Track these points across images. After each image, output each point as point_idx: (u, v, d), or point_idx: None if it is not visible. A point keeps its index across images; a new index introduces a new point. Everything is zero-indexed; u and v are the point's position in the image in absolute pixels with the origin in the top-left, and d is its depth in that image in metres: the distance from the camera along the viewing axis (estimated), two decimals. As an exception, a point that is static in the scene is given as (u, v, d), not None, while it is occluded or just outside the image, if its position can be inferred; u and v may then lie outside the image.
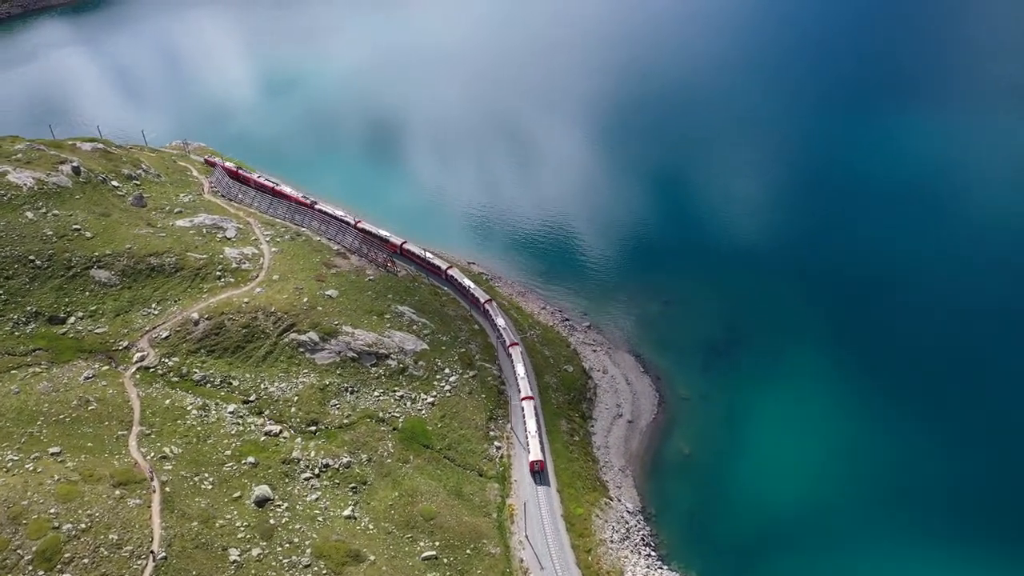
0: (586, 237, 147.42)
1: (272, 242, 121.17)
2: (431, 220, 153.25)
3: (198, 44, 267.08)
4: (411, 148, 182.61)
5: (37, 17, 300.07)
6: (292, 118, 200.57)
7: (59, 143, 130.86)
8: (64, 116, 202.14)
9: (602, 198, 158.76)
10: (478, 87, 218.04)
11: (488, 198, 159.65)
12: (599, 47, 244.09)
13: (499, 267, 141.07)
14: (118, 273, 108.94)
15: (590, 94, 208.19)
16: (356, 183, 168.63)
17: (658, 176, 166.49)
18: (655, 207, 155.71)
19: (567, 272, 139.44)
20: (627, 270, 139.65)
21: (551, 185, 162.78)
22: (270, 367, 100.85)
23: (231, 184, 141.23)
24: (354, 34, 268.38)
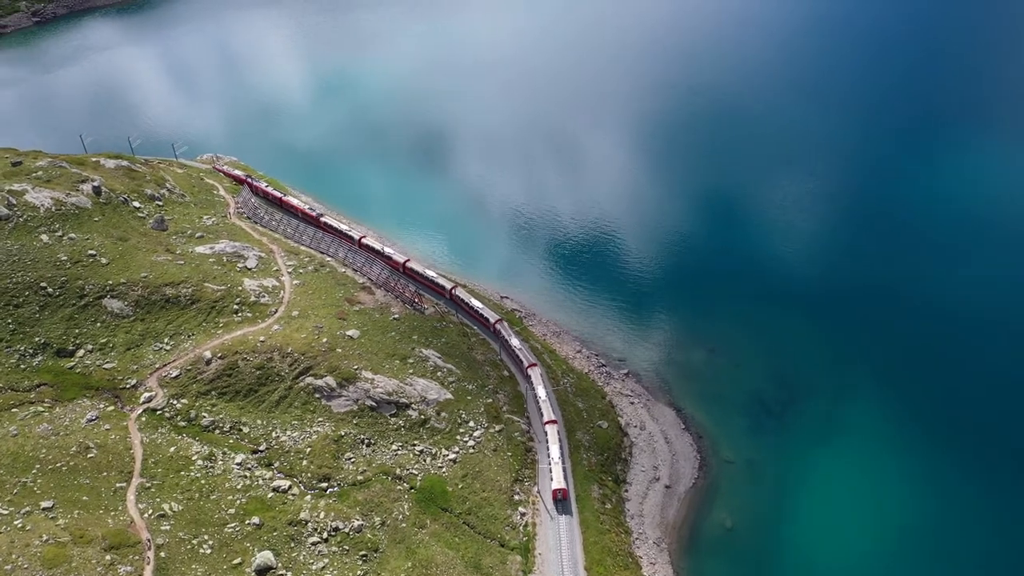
0: (627, 272, 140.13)
1: (294, 273, 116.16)
2: (466, 248, 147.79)
3: (238, 50, 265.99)
4: (451, 167, 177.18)
5: (81, 18, 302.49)
6: (330, 131, 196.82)
7: (82, 159, 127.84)
8: (98, 123, 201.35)
9: (645, 229, 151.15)
10: (522, 101, 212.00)
11: (526, 226, 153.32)
12: (648, 60, 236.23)
13: (534, 303, 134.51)
14: (131, 304, 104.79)
15: (637, 111, 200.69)
16: (391, 202, 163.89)
17: (707, 205, 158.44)
18: (703, 241, 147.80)
19: (606, 311, 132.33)
20: (671, 311, 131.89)
21: (591, 213, 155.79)
22: (283, 413, 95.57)
23: (257, 206, 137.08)
24: (398, 42, 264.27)
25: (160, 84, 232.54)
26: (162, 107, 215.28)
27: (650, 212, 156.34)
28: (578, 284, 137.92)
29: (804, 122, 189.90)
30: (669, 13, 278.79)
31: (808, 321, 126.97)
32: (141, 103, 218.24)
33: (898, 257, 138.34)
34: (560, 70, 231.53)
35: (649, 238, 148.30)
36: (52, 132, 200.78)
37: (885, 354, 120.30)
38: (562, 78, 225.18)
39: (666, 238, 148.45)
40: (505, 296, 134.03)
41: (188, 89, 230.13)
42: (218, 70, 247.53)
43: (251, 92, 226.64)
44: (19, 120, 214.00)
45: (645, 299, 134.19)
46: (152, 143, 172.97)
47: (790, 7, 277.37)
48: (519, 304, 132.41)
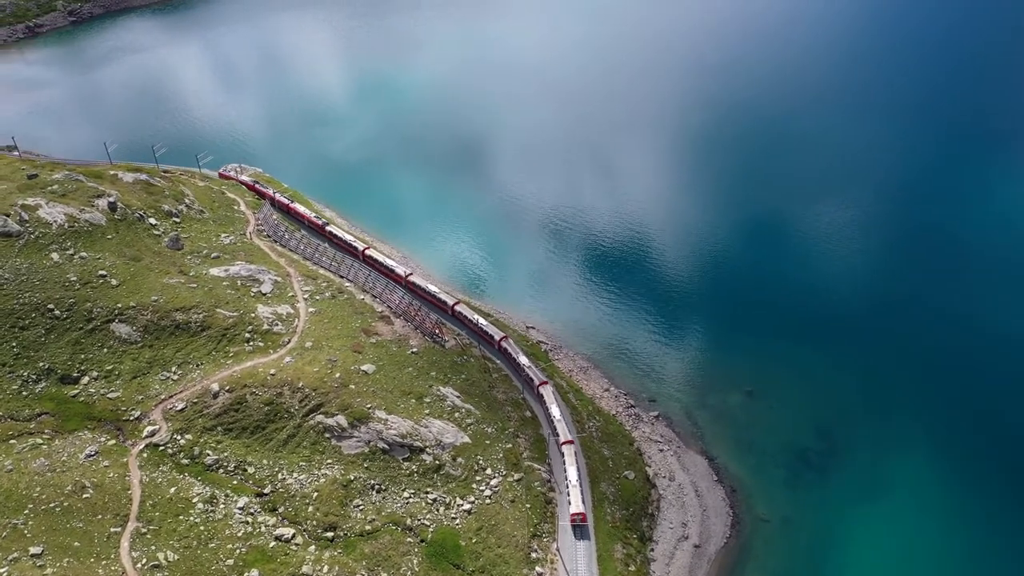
0: (661, 303, 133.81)
1: (310, 300, 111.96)
2: (493, 273, 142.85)
3: (271, 55, 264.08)
4: (482, 183, 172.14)
5: (116, 18, 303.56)
6: (358, 141, 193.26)
7: (100, 172, 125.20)
8: (125, 127, 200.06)
9: (681, 257, 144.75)
10: (557, 114, 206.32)
11: (555, 250, 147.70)
12: (688, 71, 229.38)
13: (561, 334, 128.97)
14: (140, 329, 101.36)
15: (676, 127, 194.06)
16: (417, 219, 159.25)
17: (748, 231, 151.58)
18: (743, 271, 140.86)
19: (637, 345, 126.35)
20: (706, 347, 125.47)
21: (624, 238, 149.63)
22: (291, 453, 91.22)
23: (278, 223, 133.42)
24: (433, 48, 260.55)
25: (189, 88, 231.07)
26: (190, 112, 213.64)
27: (687, 238, 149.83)
28: (608, 314, 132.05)
29: (853, 141, 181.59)
30: (711, 21, 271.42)
31: (854, 364, 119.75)
32: (169, 108, 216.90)
33: (956, 296, 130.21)
34: (597, 81, 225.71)
35: (685, 266, 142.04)
36: (80, 136, 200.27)
37: (938, 404, 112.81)
38: (599, 89, 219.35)
39: (703, 267, 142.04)
40: (531, 327, 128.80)
41: (217, 94, 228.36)
42: (249, 75, 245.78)
43: (281, 98, 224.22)
44: (49, 122, 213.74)
45: (679, 332, 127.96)
46: (177, 151, 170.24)
47: (838, 13, 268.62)
48: (546, 335, 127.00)
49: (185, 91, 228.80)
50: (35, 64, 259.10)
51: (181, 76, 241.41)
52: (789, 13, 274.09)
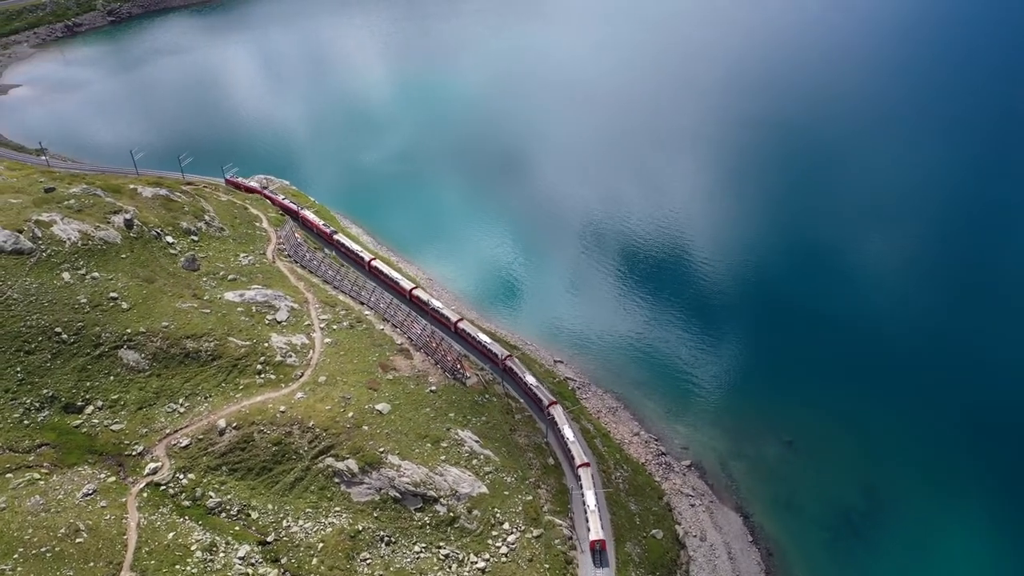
0: (697, 341, 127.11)
1: (327, 330, 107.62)
2: (521, 301, 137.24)
3: (306, 60, 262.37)
4: (515, 202, 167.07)
5: (154, 18, 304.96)
6: (391, 153, 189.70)
7: (119, 186, 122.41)
8: (155, 133, 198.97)
9: (720, 290, 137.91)
10: (596, 128, 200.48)
11: (587, 281, 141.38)
12: (740, 85, 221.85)
13: (590, 370, 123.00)
14: (149, 356, 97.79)
15: (720, 147, 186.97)
16: (447, 240, 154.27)
17: (793, 262, 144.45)
18: (787, 307, 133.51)
19: (670, 384, 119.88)
20: (745, 389, 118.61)
21: (661, 270, 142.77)
22: (297, 498, 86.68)
23: (300, 243, 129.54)
24: (473, 55, 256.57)
25: (221, 94, 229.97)
26: (220, 119, 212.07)
27: (727, 269, 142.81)
28: (641, 349, 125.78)
29: (911, 166, 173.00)
30: (763, 33, 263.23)
31: (907, 415, 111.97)
32: (200, 113, 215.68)
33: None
34: (640, 93, 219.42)
35: (723, 300, 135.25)
36: (110, 140, 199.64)
37: (1000, 465, 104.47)
38: (641, 102, 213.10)
39: (743, 301, 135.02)
40: (559, 360, 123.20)
41: (249, 100, 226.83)
42: (282, 81, 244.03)
43: (314, 106, 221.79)
44: (81, 125, 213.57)
45: (715, 372, 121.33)
46: (204, 160, 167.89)
47: (899, 29, 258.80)
48: (574, 371, 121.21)
49: (217, 97, 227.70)
50: (72, 64, 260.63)
51: (214, 80, 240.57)
52: (846, 27, 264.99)
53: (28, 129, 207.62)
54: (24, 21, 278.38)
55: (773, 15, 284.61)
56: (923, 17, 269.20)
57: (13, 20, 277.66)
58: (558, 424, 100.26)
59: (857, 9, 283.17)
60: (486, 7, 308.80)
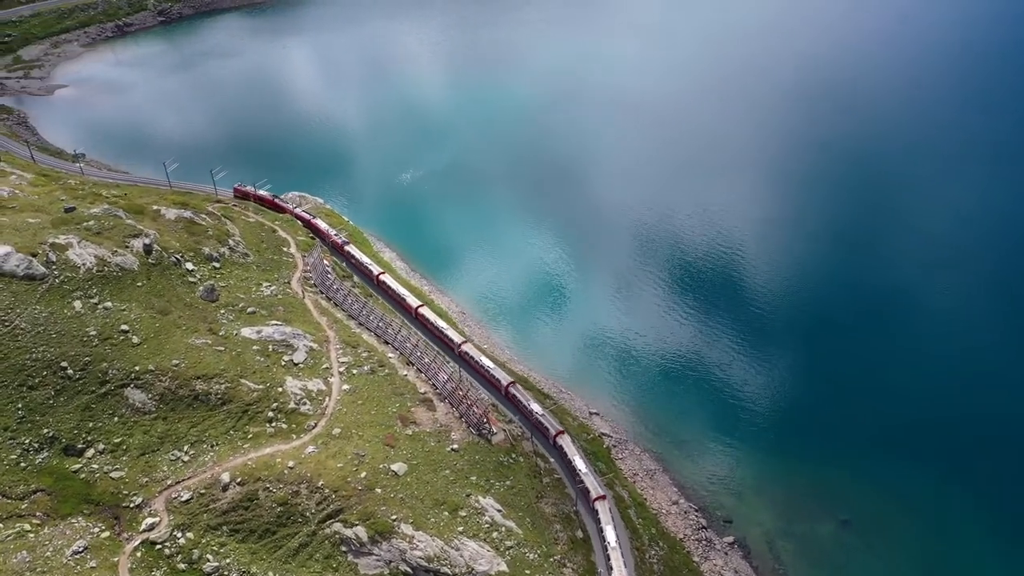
0: (747, 398, 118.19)
1: (347, 374, 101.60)
2: (561, 341, 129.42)
3: (353, 68, 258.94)
4: (561, 229, 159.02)
5: (204, 19, 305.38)
6: (435, 171, 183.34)
7: (142, 207, 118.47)
8: (191, 142, 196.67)
9: (776, 343, 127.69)
10: (657, 146, 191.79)
11: (632, 324, 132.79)
12: (809, 101, 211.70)
13: (628, 424, 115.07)
14: (156, 397, 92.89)
15: (785, 171, 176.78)
16: (486, 271, 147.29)
17: (858, 311, 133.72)
18: (848, 365, 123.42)
19: (715, 446, 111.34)
20: (796, 458, 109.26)
21: (712, 317, 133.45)
22: (300, 567, 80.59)
23: (326, 272, 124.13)
24: (528, 65, 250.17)
25: (262, 101, 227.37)
26: (260, 128, 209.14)
27: (784, 318, 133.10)
28: (684, 405, 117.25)
29: (998, 199, 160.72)
30: (837, 47, 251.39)
31: (986, 502, 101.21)
32: (239, 121, 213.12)
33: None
34: (702, 114, 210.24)
35: (778, 355, 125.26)
36: (148, 147, 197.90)
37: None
38: (702, 124, 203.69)
39: (800, 357, 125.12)
40: (595, 412, 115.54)
41: (289, 109, 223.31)
42: (326, 89, 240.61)
43: (355, 118, 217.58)
44: (121, 131, 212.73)
45: (767, 435, 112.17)
46: (238, 174, 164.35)
47: (990, 42, 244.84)
48: (611, 426, 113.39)
49: (258, 104, 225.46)
50: (119, 66, 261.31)
51: (257, 87, 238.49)
52: (932, 39, 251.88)
53: (70, 133, 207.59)
54: (75, 20, 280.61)
55: (866, 27, 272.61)
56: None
57: (65, 18, 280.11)
58: (567, 455, 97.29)
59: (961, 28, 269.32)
60: (541, 17, 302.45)
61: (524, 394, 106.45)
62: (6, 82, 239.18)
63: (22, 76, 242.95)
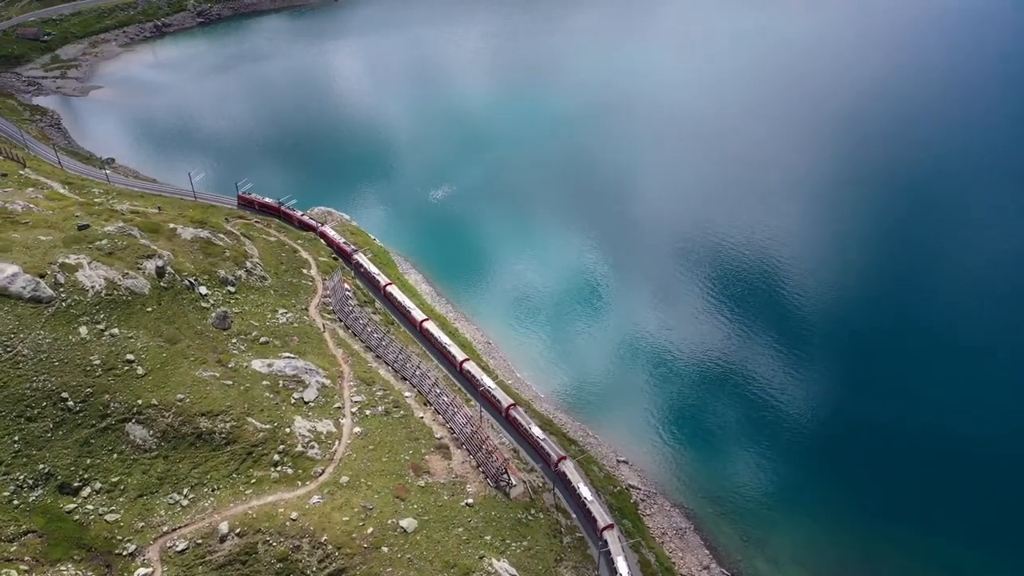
0: (789, 452, 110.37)
1: (359, 415, 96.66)
2: (591, 379, 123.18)
3: (390, 75, 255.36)
4: (599, 255, 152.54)
5: (243, 21, 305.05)
6: (468, 187, 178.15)
7: (158, 226, 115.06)
8: (219, 152, 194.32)
9: (825, 394, 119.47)
10: (708, 168, 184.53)
11: (671, 366, 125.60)
12: (860, 120, 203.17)
13: (660, 474, 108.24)
14: (157, 434, 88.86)
15: (844, 201, 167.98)
16: (517, 297, 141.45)
17: (928, 364, 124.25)
18: (904, 420, 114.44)
19: (751, 504, 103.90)
20: (844, 525, 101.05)
21: (754, 363, 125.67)
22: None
23: (348, 297, 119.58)
24: (573, 74, 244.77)
25: (294, 108, 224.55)
26: (289, 136, 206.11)
27: (834, 370, 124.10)
28: (722, 456, 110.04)
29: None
30: (900, 74, 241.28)
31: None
32: (269, 129, 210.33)
33: None
34: (749, 131, 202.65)
35: (829, 411, 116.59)
36: (178, 153, 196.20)
37: None
38: (750, 142, 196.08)
39: (855, 412, 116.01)
40: (623, 460, 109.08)
41: (322, 116, 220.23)
42: (358, 97, 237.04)
43: (388, 129, 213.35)
44: (152, 135, 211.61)
45: (811, 498, 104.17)
46: (264, 186, 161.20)
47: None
48: (639, 476, 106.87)
49: (290, 112, 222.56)
50: (155, 68, 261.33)
51: (290, 94, 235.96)
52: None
53: (101, 136, 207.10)
54: (115, 19, 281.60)
55: (948, 45, 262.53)
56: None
57: (104, 17, 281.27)
58: (570, 478, 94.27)
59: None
60: (584, 25, 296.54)
61: (525, 417, 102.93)
62: (43, 82, 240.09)
63: (59, 76, 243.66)
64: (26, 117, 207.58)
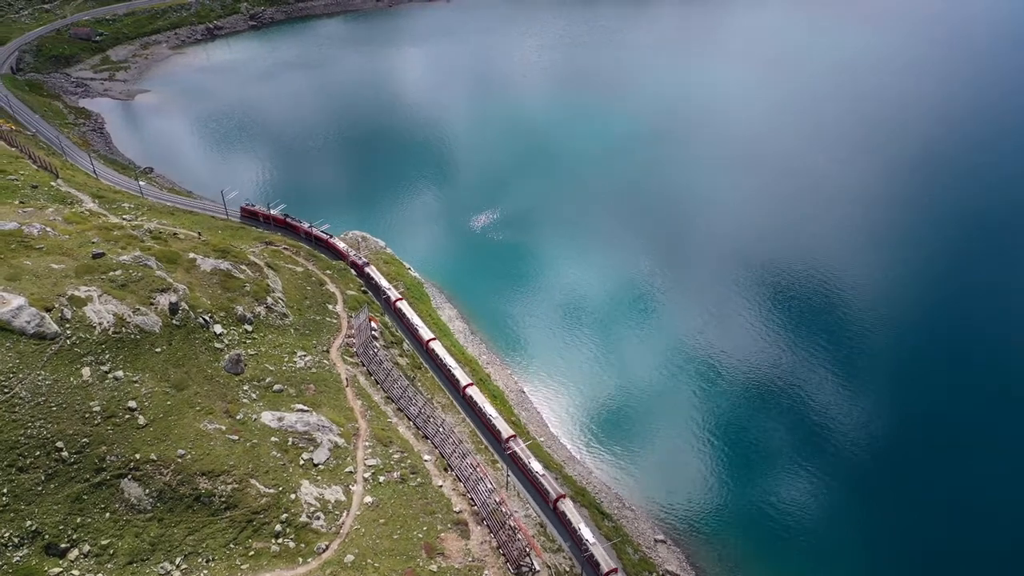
0: (844, 538, 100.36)
1: (372, 481, 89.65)
2: (634, 443, 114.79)
3: (437, 86, 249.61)
4: (656, 297, 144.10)
5: (294, 25, 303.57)
6: (518, 213, 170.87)
7: (175, 255, 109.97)
8: (260, 161, 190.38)
9: (901, 464, 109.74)
10: (775, 200, 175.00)
11: (720, 423, 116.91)
12: (948, 152, 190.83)
13: (699, 559, 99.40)
14: (154, 493, 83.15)
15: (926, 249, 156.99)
16: (557, 340, 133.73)
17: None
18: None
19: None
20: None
21: (822, 425, 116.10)
22: None
23: (369, 341, 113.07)
24: (636, 86, 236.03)
25: (339, 119, 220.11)
26: (330, 151, 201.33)
27: (915, 446, 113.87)
28: (773, 540, 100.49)
29: None
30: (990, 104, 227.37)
31: None
32: (309, 144, 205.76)
33: None
34: (825, 162, 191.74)
35: (899, 489, 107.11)
36: (215, 164, 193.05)
37: None
38: (824, 174, 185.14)
39: (934, 494, 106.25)
40: (661, 538, 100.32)
41: (365, 129, 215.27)
42: (408, 109, 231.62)
43: (437, 144, 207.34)
44: (193, 143, 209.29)
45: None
46: (298, 206, 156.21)
47: None
48: (678, 559, 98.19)
49: (335, 122, 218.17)
50: (204, 72, 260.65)
51: (334, 104, 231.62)
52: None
53: (143, 142, 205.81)
54: (167, 20, 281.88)
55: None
56: None
57: (157, 19, 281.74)
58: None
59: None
60: (649, 39, 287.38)
61: (525, 451, 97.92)
62: (91, 83, 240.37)
63: (107, 78, 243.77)
64: (70, 121, 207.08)
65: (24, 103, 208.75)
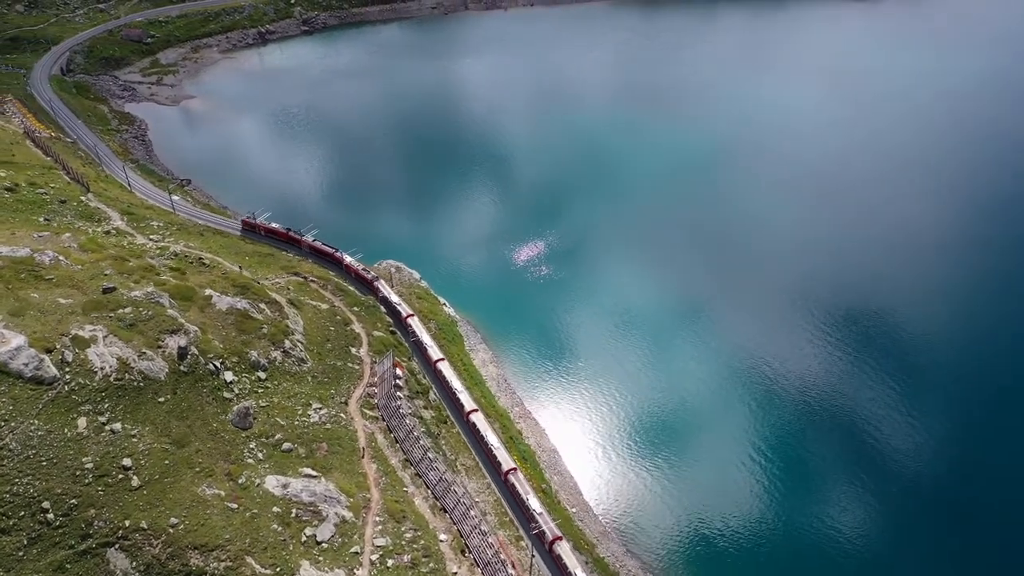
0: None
1: (379, 565, 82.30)
2: (672, 509, 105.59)
3: (494, 98, 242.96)
4: (717, 345, 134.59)
5: (347, 31, 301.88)
6: (563, 248, 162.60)
7: (190, 292, 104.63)
8: (297, 180, 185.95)
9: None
10: (854, 235, 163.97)
11: (776, 493, 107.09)
12: None
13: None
14: (141, 567, 77.16)
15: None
16: (592, 390, 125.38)
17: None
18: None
19: None
20: None
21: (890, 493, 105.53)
22: None
23: (394, 388, 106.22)
24: (699, 106, 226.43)
25: (384, 134, 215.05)
26: (372, 169, 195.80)
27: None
28: None
29: None
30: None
31: None
32: (351, 160, 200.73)
33: None
34: (901, 190, 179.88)
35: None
36: (255, 178, 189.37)
37: None
38: (904, 210, 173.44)
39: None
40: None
41: (411, 145, 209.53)
42: (456, 126, 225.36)
43: (486, 166, 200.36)
44: (234, 154, 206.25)
45: None
46: (333, 232, 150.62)
47: None
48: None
49: (380, 137, 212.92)
50: (252, 77, 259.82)
51: (384, 116, 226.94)
52: None
53: (185, 151, 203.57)
54: (219, 23, 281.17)
55: None
56: None
57: (209, 21, 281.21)
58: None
59: None
60: (715, 56, 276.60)
61: (524, 485, 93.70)
62: (138, 87, 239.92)
63: (155, 82, 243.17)
64: (112, 127, 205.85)
65: (68, 107, 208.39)
